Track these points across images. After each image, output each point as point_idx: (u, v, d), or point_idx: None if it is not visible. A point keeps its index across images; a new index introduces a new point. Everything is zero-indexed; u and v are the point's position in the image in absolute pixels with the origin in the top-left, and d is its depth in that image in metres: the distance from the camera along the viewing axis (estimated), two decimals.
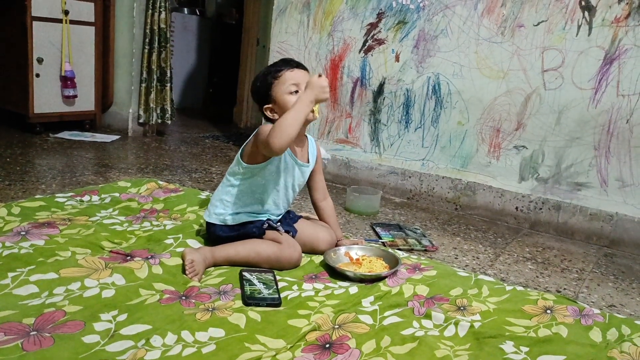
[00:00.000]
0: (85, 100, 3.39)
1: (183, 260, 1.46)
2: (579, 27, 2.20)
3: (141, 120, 3.52)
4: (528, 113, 2.34)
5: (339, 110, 2.84)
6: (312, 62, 2.87)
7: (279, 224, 1.59)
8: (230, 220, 1.58)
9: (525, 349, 1.21)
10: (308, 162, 1.67)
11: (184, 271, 1.43)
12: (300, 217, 1.75)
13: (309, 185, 1.74)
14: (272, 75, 1.54)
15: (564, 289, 1.73)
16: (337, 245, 1.71)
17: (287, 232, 1.59)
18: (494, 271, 1.82)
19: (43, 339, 1.06)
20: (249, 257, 1.52)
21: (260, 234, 1.57)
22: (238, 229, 1.57)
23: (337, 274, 1.54)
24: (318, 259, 1.64)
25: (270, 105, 1.56)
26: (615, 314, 1.44)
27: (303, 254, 1.62)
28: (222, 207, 1.59)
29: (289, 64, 1.56)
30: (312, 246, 1.66)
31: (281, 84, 1.53)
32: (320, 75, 1.43)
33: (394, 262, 1.59)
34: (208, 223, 1.63)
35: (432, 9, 2.50)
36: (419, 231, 2.14)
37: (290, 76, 1.53)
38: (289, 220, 1.67)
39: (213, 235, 1.62)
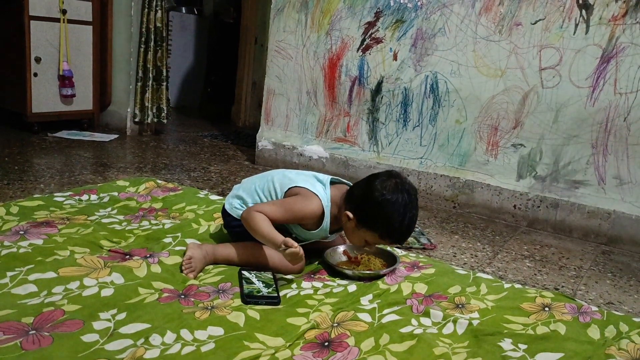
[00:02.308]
0: (83, 100, 3.39)
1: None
2: (576, 25, 2.20)
3: (137, 119, 3.52)
4: (526, 111, 2.35)
5: (337, 109, 2.84)
6: (310, 61, 2.87)
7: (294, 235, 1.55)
8: None
9: (523, 346, 1.22)
10: (340, 230, 1.59)
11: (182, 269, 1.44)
12: None
13: None
14: (384, 235, 1.44)
15: (562, 286, 1.73)
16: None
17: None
18: (492, 269, 1.83)
19: (42, 338, 1.06)
20: (249, 261, 1.52)
21: None
22: None
23: (335, 273, 1.54)
24: (317, 258, 1.64)
25: (354, 220, 1.45)
26: (613, 311, 1.44)
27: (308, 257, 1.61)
28: (243, 209, 1.56)
29: (400, 241, 1.49)
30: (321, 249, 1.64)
31: (375, 238, 1.46)
32: (298, 250, 1.36)
33: (392, 261, 1.60)
34: (225, 211, 1.61)
35: (430, 7, 2.51)
36: (417, 229, 2.14)
37: (382, 242, 1.49)
38: None
39: (227, 222, 1.62)
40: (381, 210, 1.41)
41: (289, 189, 1.52)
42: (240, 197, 1.59)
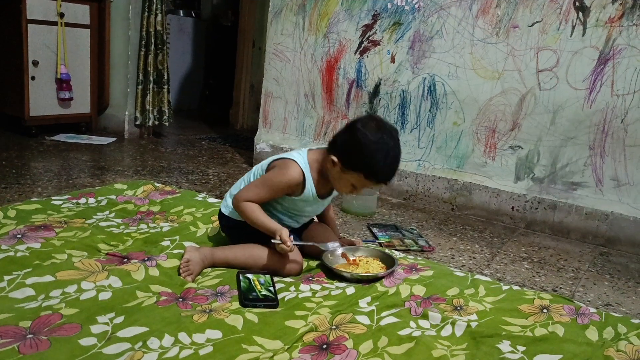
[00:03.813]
0: (81, 103, 3.39)
1: None
2: (573, 27, 2.21)
3: (137, 122, 3.52)
4: (523, 113, 2.35)
5: (334, 112, 2.84)
6: (307, 64, 2.87)
7: (291, 236, 1.53)
8: None
9: (521, 348, 1.22)
10: (330, 194, 1.61)
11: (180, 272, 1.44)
12: (313, 220, 1.74)
13: None
14: (368, 174, 1.44)
15: (560, 288, 1.73)
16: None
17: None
18: (490, 271, 1.83)
19: (39, 342, 1.06)
20: (247, 263, 1.52)
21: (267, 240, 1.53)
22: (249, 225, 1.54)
23: (334, 275, 1.54)
24: (315, 260, 1.64)
25: (339, 163, 1.46)
26: (611, 313, 1.44)
27: (306, 259, 1.61)
28: None
29: (385, 180, 1.48)
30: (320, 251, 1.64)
31: (360, 180, 1.46)
32: (289, 249, 1.46)
33: (390, 263, 1.59)
34: (222, 213, 1.62)
35: (427, 10, 2.51)
36: (415, 231, 2.14)
37: (370, 184, 1.48)
38: (301, 227, 1.67)
39: (224, 224, 1.63)
40: (364, 149, 1.43)
41: (269, 165, 1.56)
42: (232, 195, 1.60)
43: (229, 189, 1.66)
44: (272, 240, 1.46)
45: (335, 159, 1.46)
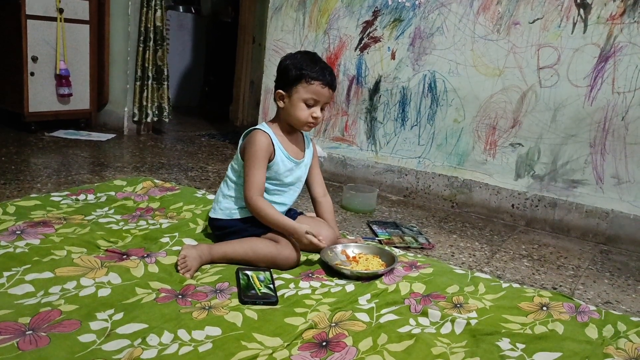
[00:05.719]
0: (81, 99, 3.38)
1: None
2: (574, 24, 2.20)
3: (135, 119, 3.52)
4: (524, 110, 2.35)
5: (335, 109, 2.83)
6: None
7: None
8: (236, 214, 1.59)
9: (521, 345, 1.22)
10: (304, 156, 1.67)
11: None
12: (301, 213, 1.75)
13: (307, 181, 1.74)
14: (306, 76, 1.52)
15: (560, 286, 1.73)
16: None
17: None
18: (490, 268, 1.83)
19: (39, 338, 1.06)
20: (247, 255, 1.52)
21: (263, 232, 1.57)
22: (243, 222, 1.57)
23: (333, 272, 1.54)
24: (315, 256, 1.64)
25: (284, 93, 1.56)
26: (611, 311, 1.44)
27: (302, 252, 1.61)
28: (227, 202, 1.61)
29: (325, 78, 1.54)
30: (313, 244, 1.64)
31: (306, 89, 1.53)
32: (319, 240, 1.53)
33: (390, 260, 1.59)
34: (213, 219, 1.63)
35: (428, 6, 2.50)
36: (415, 229, 2.14)
37: (317, 90, 1.53)
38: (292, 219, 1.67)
39: (217, 230, 1.63)
40: (290, 65, 1.55)
41: (241, 152, 1.60)
42: (220, 196, 1.63)
43: (215, 197, 1.67)
44: (306, 234, 1.51)
45: (279, 91, 1.57)
